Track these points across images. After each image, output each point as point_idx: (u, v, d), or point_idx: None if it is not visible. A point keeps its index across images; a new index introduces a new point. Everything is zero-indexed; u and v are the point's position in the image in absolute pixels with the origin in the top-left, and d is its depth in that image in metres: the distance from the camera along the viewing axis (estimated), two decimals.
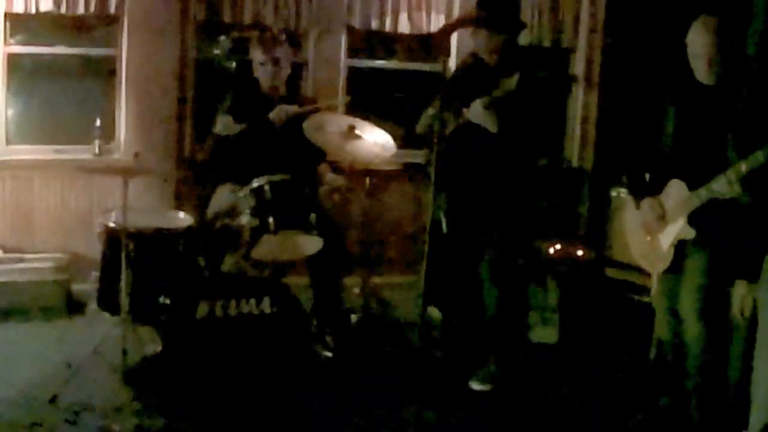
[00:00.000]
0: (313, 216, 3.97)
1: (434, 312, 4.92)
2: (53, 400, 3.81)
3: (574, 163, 6.17)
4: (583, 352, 4.83)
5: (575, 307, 4.99)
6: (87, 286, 5.18)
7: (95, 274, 4.33)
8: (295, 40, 5.66)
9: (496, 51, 4.11)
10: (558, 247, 5.20)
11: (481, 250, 4.22)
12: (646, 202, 3.70)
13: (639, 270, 4.63)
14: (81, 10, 5.43)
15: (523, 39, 4.78)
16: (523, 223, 4.29)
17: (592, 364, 4.67)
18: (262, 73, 4.60)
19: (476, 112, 3.96)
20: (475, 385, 4.20)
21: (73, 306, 5.21)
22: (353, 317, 4.70)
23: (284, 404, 3.74)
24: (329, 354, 4.26)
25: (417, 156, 5.45)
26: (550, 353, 4.80)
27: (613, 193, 5.39)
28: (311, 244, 3.99)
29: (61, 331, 4.84)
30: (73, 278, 5.31)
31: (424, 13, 5.93)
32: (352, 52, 6.07)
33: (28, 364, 4.33)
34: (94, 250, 5.25)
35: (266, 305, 3.70)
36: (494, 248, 4.18)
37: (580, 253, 5.26)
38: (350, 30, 5.95)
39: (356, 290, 4.79)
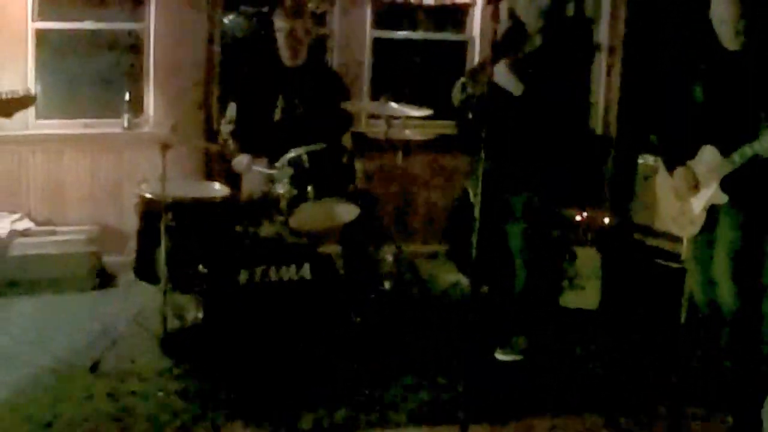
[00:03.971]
0: (351, 185, 4.01)
1: (463, 280, 4.98)
2: (94, 367, 3.89)
3: (599, 130, 6.19)
4: (614, 318, 4.87)
5: (603, 274, 5.03)
6: (118, 258, 5.27)
7: (131, 244, 4.37)
8: (319, 14, 5.69)
9: (540, 16, 4.11)
10: (585, 214, 5.23)
11: (511, 219, 4.24)
12: (678, 168, 3.73)
13: (667, 236, 4.70)
14: None
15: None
16: (552, 191, 4.31)
17: (623, 330, 4.71)
18: (283, 42, 4.59)
19: (500, 73, 3.94)
20: (502, 356, 4.24)
21: (105, 278, 5.28)
22: (386, 284, 4.74)
23: (320, 369, 3.81)
24: (359, 320, 4.31)
25: (447, 127, 5.49)
26: (581, 320, 4.84)
27: (641, 160, 5.41)
28: (348, 212, 4.03)
29: (94, 302, 4.93)
30: (104, 250, 5.37)
31: None
32: (378, 23, 6.05)
33: (65, 333, 4.43)
34: (124, 222, 5.36)
35: (305, 271, 3.74)
36: (525, 216, 4.21)
37: (606, 220, 5.30)
38: (375, 1, 5.95)
39: (389, 258, 4.84)
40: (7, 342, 4.29)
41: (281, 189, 3.98)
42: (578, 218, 5.22)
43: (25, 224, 5.39)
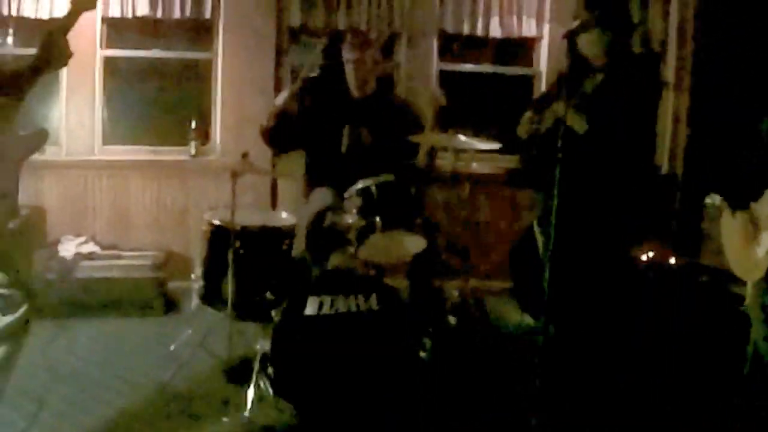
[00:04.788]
0: (419, 218, 4.00)
1: (528, 319, 4.92)
2: (161, 389, 3.93)
3: (665, 168, 6.11)
4: (678, 362, 4.76)
5: (669, 314, 4.93)
6: (182, 284, 5.33)
7: (196, 270, 4.41)
8: (387, 45, 5.73)
9: (605, 52, 4.08)
10: (651, 254, 5.15)
11: (578, 257, 4.19)
12: (742, 211, 3.64)
13: (737, 279, 4.59)
14: (177, 14, 5.58)
15: None
16: (618, 230, 4.25)
17: (686, 376, 4.61)
18: (350, 73, 4.65)
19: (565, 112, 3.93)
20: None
21: (169, 303, 5.33)
22: (451, 319, 4.70)
23: (385, 402, 3.76)
24: (426, 355, 4.27)
25: (514, 161, 5.46)
26: (647, 358, 4.74)
27: (708, 200, 5.32)
28: (415, 244, 4.01)
29: (159, 326, 4.97)
30: (168, 276, 5.42)
31: (515, 17, 5.94)
32: (444, 55, 6.09)
33: (131, 356, 4.48)
34: (189, 248, 5.42)
35: (373, 303, 3.72)
36: (592, 255, 4.15)
37: (672, 260, 5.21)
38: (442, 34, 5.98)
39: (455, 293, 4.80)
40: (74, 362, 4.35)
41: (350, 219, 3.98)
42: (644, 258, 5.14)
43: (91, 248, 5.48)
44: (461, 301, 4.75)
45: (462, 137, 4.53)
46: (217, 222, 4.14)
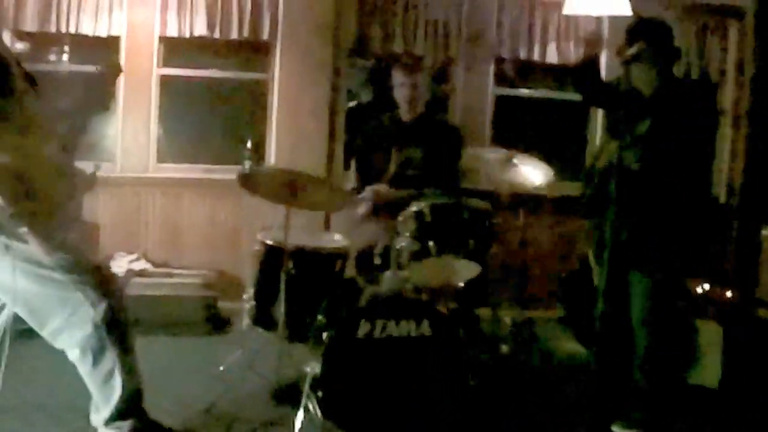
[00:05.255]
0: (471, 242, 3.97)
1: (580, 349, 4.85)
2: (209, 409, 3.92)
3: (722, 199, 6.01)
4: (736, 398, 4.65)
5: (725, 349, 4.81)
6: (232, 304, 5.33)
7: (248, 290, 4.40)
8: (442, 71, 5.76)
9: (651, 81, 4.04)
10: (706, 286, 5.05)
11: (632, 289, 4.12)
12: None
13: None
14: (234, 35, 5.64)
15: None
16: (674, 262, 4.17)
17: (744, 412, 4.49)
18: (400, 95, 4.72)
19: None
20: (619, 430, 4.07)
21: (219, 322, 5.34)
22: (503, 347, 4.65)
23: (435, 428, 3.71)
24: (475, 382, 4.22)
25: (571, 188, 5.41)
26: (700, 398, 4.64)
27: (765, 231, 5.21)
28: (469, 270, 3.98)
29: (208, 345, 4.98)
30: (219, 295, 5.43)
31: (572, 44, 5.91)
32: (500, 80, 6.08)
33: (180, 374, 4.48)
34: (240, 268, 5.42)
35: (425, 328, 3.69)
36: (646, 288, 4.08)
37: (729, 293, 5.09)
38: (498, 59, 5.98)
39: (507, 320, 4.75)
40: None
41: (403, 242, 3.96)
42: (699, 290, 5.04)
43: (142, 265, 5.53)
44: (513, 328, 4.70)
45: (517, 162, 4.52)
46: (270, 242, 4.15)
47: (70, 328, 3.08)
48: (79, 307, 3.05)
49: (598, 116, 5.97)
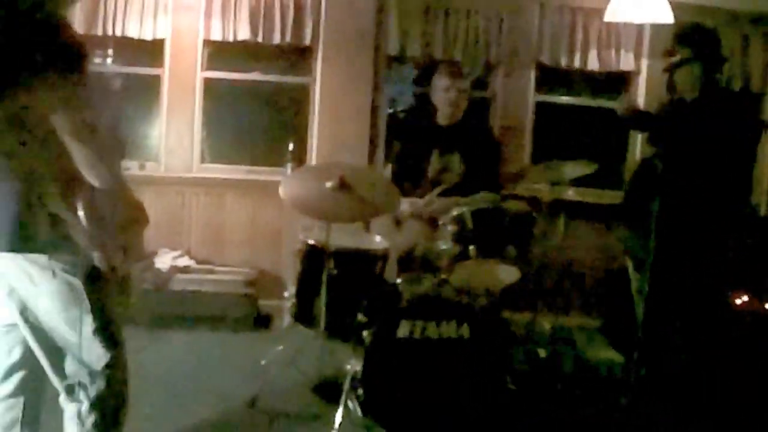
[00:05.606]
0: (512, 248, 4.01)
1: (618, 358, 4.83)
2: (251, 404, 4.02)
3: (763, 210, 5.99)
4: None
5: (764, 360, 4.80)
6: (272, 302, 5.44)
7: (289, 289, 4.49)
8: (482, 77, 5.80)
9: (696, 87, 4.06)
10: (746, 297, 5.03)
11: (672, 297, 4.13)
12: None
13: None
14: (277, 39, 5.72)
15: None
16: (713, 272, 4.18)
17: None
18: (440, 100, 4.77)
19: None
20: None
21: (260, 320, 5.43)
22: (541, 351, 4.68)
23: (473, 429, 3.76)
24: (513, 386, 4.26)
25: (611, 196, 5.43)
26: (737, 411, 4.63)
27: None
28: (509, 274, 4.03)
29: (249, 342, 5.07)
30: (260, 293, 5.52)
31: (613, 50, 5.91)
32: (541, 87, 6.08)
33: (222, 369, 4.60)
34: (281, 268, 5.51)
35: (464, 330, 3.74)
36: (686, 296, 4.09)
37: None
38: (539, 66, 5.99)
39: (546, 326, 4.78)
40: (164, 371, 4.46)
41: (444, 245, 4.02)
42: (738, 302, 5.02)
43: (185, 261, 5.62)
44: (551, 333, 4.72)
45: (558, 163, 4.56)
46: (312, 242, 4.22)
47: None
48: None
49: None
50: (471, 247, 3.96)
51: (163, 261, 5.52)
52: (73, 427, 2.61)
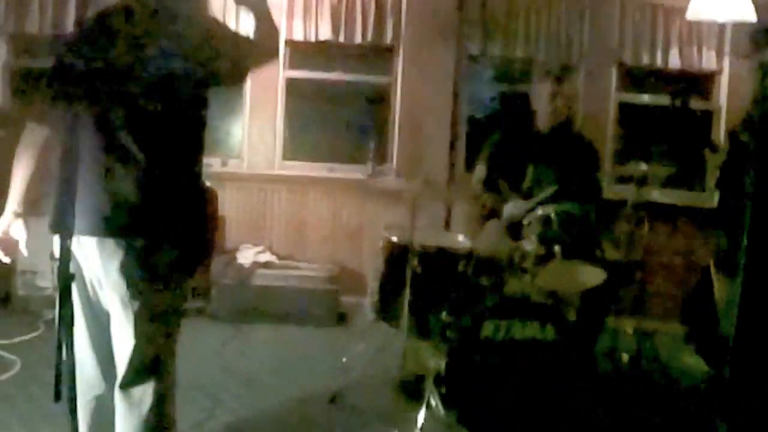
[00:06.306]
0: (597, 250, 3.99)
1: (702, 365, 4.75)
2: (333, 400, 4.07)
3: None
4: None
5: None
6: (353, 299, 5.52)
7: (372, 285, 4.53)
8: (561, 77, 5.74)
9: None
10: None
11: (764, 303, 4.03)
12: None
13: None
14: (358, 39, 5.80)
15: None
16: None
17: None
18: (542, 104, 4.52)
19: None
20: None
21: (341, 316, 5.51)
22: (624, 356, 4.63)
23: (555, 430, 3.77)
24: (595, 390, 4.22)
25: (696, 198, 5.34)
26: None
27: None
28: (594, 276, 4.01)
29: (331, 338, 5.15)
30: (341, 289, 5.59)
31: (695, 49, 5.85)
32: (622, 86, 6.05)
33: (304, 364, 4.68)
34: (362, 265, 5.57)
35: (549, 332, 3.74)
36: None
37: None
38: (621, 65, 5.96)
39: (628, 330, 4.72)
40: (247, 365, 4.59)
41: (529, 246, 4.01)
42: None
43: (267, 257, 5.74)
44: (634, 338, 4.66)
45: (643, 167, 4.48)
46: (395, 240, 4.27)
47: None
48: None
49: (721, 128, 5.91)
50: (556, 248, 3.93)
51: (245, 256, 5.64)
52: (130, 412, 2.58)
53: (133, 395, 2.54)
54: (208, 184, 2.74)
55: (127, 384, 2.54)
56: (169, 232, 2.51)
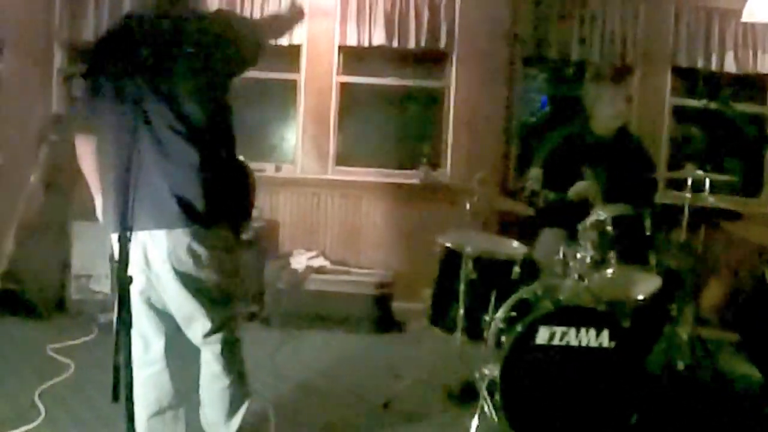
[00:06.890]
0: (653, 257, 3.93)
1: (756, 373, 4.67)
2: (386, 405, 4.08)
3: None
4: None
5: None
6: (407, 305, 5.52)
7: (425, 291, 4.52)
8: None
9: None
10: None
11: None
12: None
13: None
14: (412, 44, 5.81)
15: None
16: None
17: None
18: (599, 108, 4.49)
19: None
20: None
21: (394, 322, 5.52)
22: (680, 364, 4.56)
23: None
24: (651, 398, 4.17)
25: (751, 204, 5.25)
26: None
27: None
28: (649, 283, 3.96)
29: (383, 343, 5.17)
30: (394, 295, 5.60)
31: (750, 52, 5.75)
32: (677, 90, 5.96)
33: (356, 369, 4.68)
34: (415, 270, 5.57)
35: (604, 339, 3.70)
36: None
37: None
38: (676, 68, 5.88)
39: (684, 338, 4.65)
40: (300, 370, 4.61)
41: (583, 252, 3.97)
42: None
43: (321, 262, 5.78)
44: (690, 346, 4.59)
45: (699, 172, 4.41)
46: (450, 246, 4.25)
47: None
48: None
49: None
50: (611, 254, 3.90)
51: (299, 261, 5.68)
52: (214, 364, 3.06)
53: (214, 344, 3.02)
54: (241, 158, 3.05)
55: (210, 333, 2.99)
56: (225, 208, 2.90)
